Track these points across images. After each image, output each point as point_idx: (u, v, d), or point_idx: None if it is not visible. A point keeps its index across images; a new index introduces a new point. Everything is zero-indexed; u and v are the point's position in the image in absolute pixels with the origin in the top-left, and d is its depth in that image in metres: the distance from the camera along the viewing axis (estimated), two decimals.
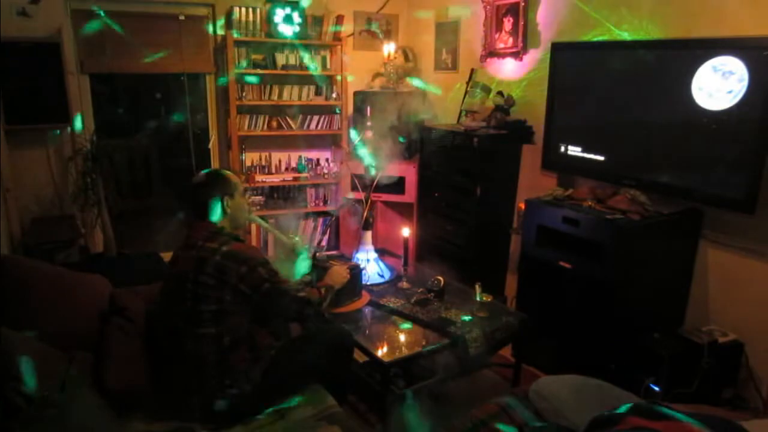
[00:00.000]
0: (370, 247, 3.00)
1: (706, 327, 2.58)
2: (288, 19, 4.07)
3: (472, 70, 3.93)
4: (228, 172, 2.11)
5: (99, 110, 4.05)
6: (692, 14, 2.61)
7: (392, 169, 3.84)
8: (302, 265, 2.41)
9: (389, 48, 4.11)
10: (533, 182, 3.42)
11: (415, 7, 4.62)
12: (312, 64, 4.29)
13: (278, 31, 4.07)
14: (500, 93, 3.62)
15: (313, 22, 4.24)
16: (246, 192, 2.06)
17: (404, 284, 2.86)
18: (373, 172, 3.18)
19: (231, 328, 1.86)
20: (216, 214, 2.00)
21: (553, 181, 3.30)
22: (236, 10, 4.00)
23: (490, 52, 3.80)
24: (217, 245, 1.88)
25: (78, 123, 3.74)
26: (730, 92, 2.31)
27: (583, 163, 3.01)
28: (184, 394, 1.85)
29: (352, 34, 4.50)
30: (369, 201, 3.02)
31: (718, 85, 2.34)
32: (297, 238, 2.52)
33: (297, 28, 4.11)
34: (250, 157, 4.41)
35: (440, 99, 4.42)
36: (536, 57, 3.49)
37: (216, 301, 1.84)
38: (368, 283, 2.83)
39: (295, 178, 4.49)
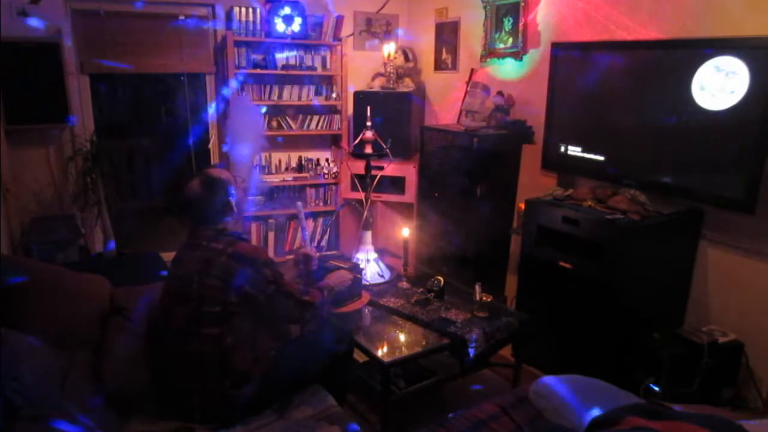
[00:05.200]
0: (370, 247, 3.00)
1: (706, 327, 2.58)
2: (288, 19, 4.07)
3: (472, 70, 3.93)
4: (219, 172, 2.03)
5: (99, 110, 4.05)
6: (692, 14, 2.61)
7: (392, 169, 3.84)
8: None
9: (389, 48, 4.11)
10: (533, 182, 3.42)
11: (415, 7, 4.62)
12: (312, 64, 4.29)
13: (278, 31, 4.07)
14: (500, 93, 3.62)
15: (313, 22, 4.24)
16: (239, 180, 2.01)
17: (404, 284, 2.86)
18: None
19: (234, 328, 1.86)
20: (221, 216, 1.99)
21: (553, 181, 3.30)
22: (236, 10, 4.00)
23: (490, 52, 3.80)
24: (222, 246, 1.88)
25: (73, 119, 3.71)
26: (732, 92, 2.31)
27: (583, 163, 3.01)
28: (185, 394, 1.85)
29: (352, 34, 4.50)
30: (369, 201, 3.02)
31: (721, 84, 2.34)
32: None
33: (297, 28, 4.11)
34: None
35: (440, 99, 4.42)
36: (536, 57, 3.49)
37: (221, 302, 1.83)
38: (368, 283, 2.83)
39: (295, 178, 4.49)
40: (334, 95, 4.41)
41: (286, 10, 4.06)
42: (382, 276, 2.93)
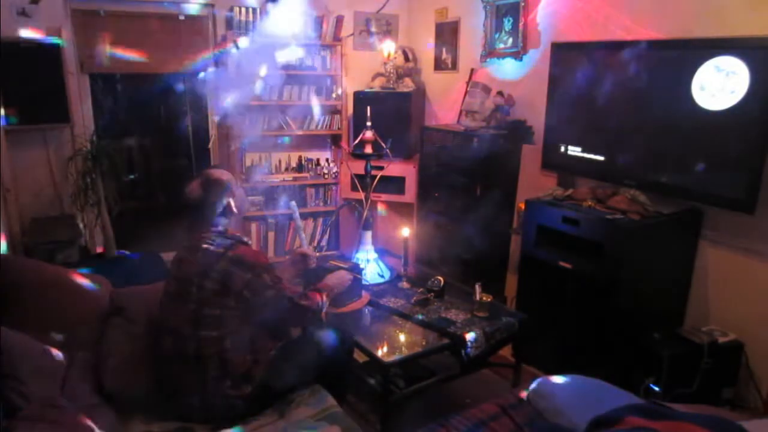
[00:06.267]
0: (370, 247, 3.00)
1: (706, 327, 2.58)
2: (288, 18, 4.07)
3: (472, 70, 3.93)
4: (219, 173, 2.02)
5: (99, 110, 4.05)
6: (692, 14, 2.61)
7: (392, 169, 3.84)
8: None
9: (389, 48, 4.11)
10: (533, 182, 3.42)
11: (415, 7, 4.62)
12: (312, 64, 4.29)
13: (278, 31, 4.07)
14: (500, 93, 3.62)
15: (313, 21, 4.24)
16: (241, 181, 1.99)
17: (404, 284, 2.85)
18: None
19: (233, 331, 1.86)
20: (221, 218, 1.99)
21: (553, 181, 3.30)
22: (236, 9, 4.00)
23: (490, 52, 3.80)
24: (222, 249, 1.87)
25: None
26: (732, 92, 2.30)
27: (583, 163, 3.00)
28: (185, 394, 1.85)
29: (352, 34, 4.50)
30: (369, 201, 3.02)
31: (721, 84, 2.34)
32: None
33: (297, 28, 4.10)
34: (250, 157, 4.41)
35: (440, 99, 4.42)
36: (536, 57, 3.49)
37: (220, 306, 1.83)
38: (368, 283, 2.83)
39: (295, 178, 4.49)
40: (334, 95, 4.41)
41: (286, 10, 4.05)
42: (382, 276, 2.93)
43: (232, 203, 2.00)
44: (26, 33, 3.45)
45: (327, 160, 4.62)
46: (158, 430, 1.81)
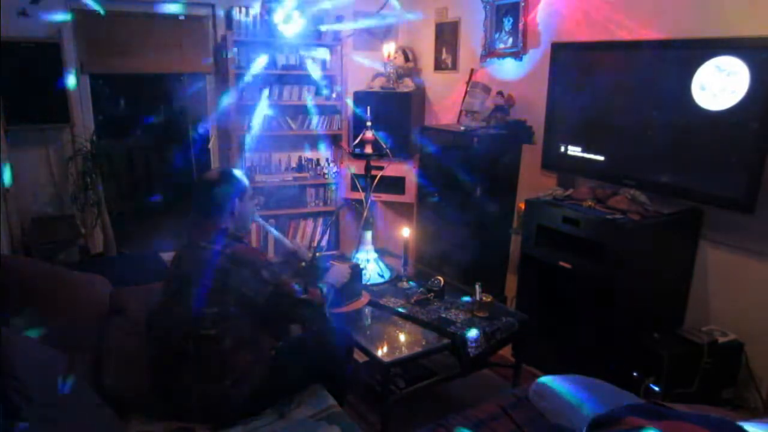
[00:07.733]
0: (370, 247, 3.00)
1: (706, 327, 2.58)
2: (288, 18, 4.07)
3: (472, 70, 3.93)
4: (239, 172, 2.08)
5: (99, 110, 4.05)
6: (692, 14, 2.61)
7: (392, 169, 3.84)
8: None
9: (389, 48, 4.11)
10: (533, 182, 3.42)
11: (415, 7, 4.61)
12: (312, 64, 4.29)
13: (278, 31, 4.07)
14: (500, 93, 3.62)
15: (313, 22, 4.24)
16: (255, 195, 2.01)
17: (404, 284, 2.86)
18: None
19: (232, 329, 1.86)
20: (223, 215, 1.98)
21: (553, 181, 3.30)
22: (236, 10, 4.00)
23: (490, 52, 3.80)
24: (221, 247, 1.87)
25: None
26: (733, 92, 2.30)
27: (583, 163, 3.00)
28: (185, 394, 1.85)
29: (352, 34, 4.50)
30: (369, 201, 3.02)
31: (722, 84, 2.34)
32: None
33: (297, 28, 4.11)
34: (249, 157, 4.41)
35: (440, 99, 4.42)
36: (536, 57, 3.48)
37: (218, 304, 1.83)
38: (368, 283, 2.83)
39: (295, 178, 4.49)
40: (334, 95, 4.41)
41: (286, 10, 4.05)
42: (382, 276, 2.93)
43: (237, 205, 1.99)
44: (26, 33, 3.45)
45: (327, 160, 4.62)
46: (158, 430, 1.81)
